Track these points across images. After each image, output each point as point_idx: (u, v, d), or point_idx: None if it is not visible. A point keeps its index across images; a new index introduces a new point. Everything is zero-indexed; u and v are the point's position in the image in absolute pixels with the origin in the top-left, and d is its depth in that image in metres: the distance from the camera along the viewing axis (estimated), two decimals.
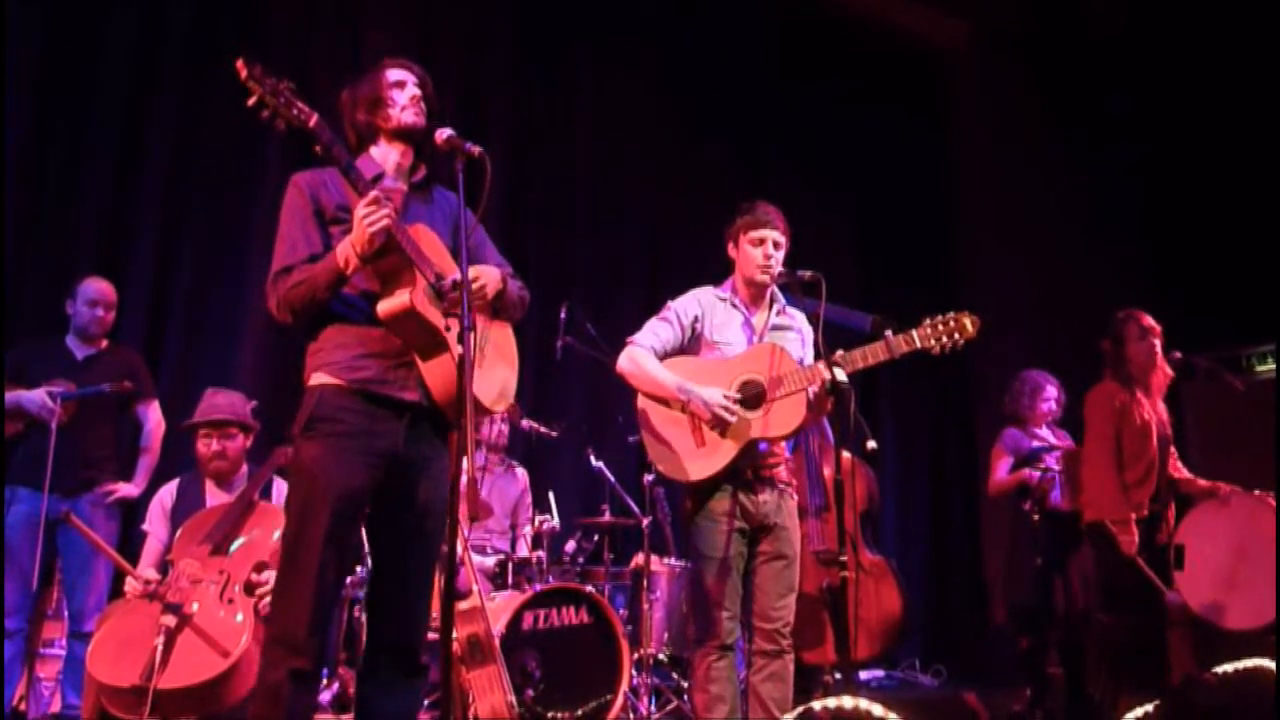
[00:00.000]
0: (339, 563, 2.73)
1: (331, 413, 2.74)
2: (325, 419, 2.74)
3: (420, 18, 6.85)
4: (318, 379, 2.80)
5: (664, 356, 3.63)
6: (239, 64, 2.55)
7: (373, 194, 2.65)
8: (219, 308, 5.94)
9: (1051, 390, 5.77)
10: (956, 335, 3.39)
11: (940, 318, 3.42)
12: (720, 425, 3.46)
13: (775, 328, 3.71)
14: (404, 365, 2.78)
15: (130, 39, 5.87)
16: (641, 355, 3.60)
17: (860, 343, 3.43)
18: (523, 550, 5.28)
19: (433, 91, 3.02)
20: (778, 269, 3.61)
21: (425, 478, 2.83)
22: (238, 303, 5.93)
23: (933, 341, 3.40)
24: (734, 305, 3.70)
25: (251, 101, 2.58)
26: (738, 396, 3.48)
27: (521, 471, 5.68)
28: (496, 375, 2.98)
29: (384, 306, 2.71)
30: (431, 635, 4.25)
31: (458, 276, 2.66)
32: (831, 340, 3.42)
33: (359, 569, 4.77)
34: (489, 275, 2.92)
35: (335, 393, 2.76)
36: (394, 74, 2.98)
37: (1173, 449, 4.94)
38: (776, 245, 3.63)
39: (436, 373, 2.76)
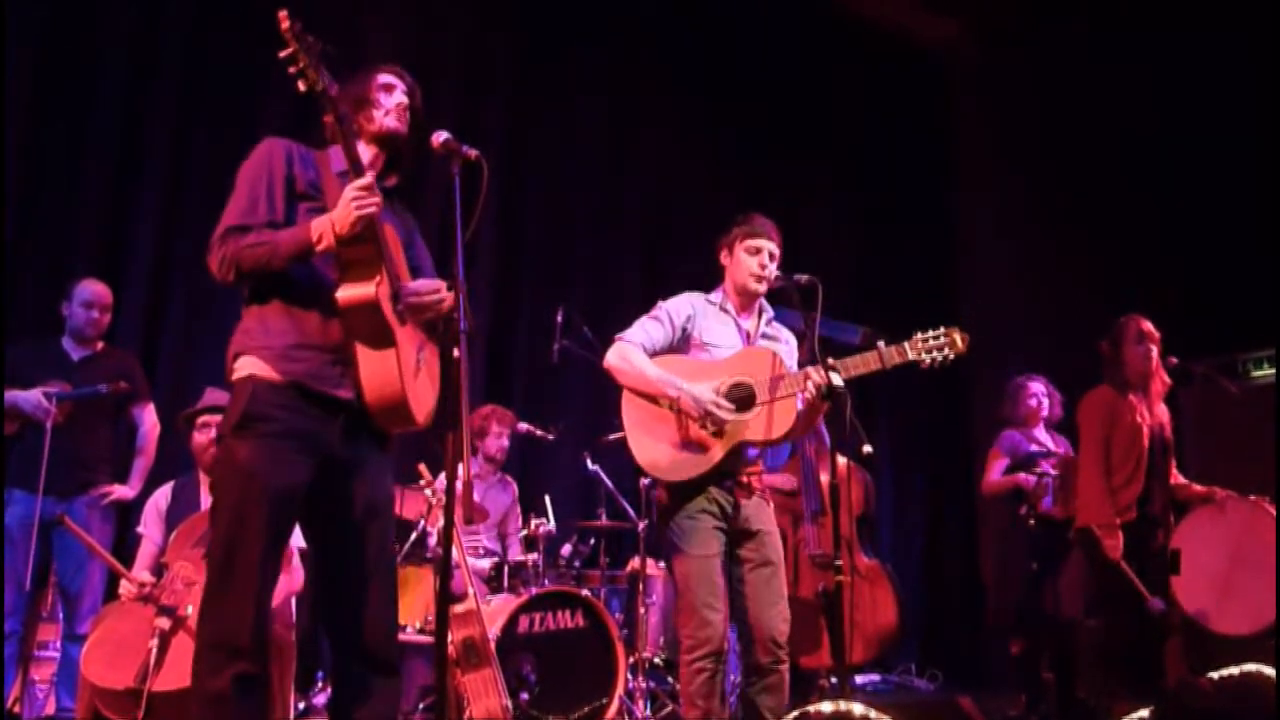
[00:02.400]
0: (276, 562, 2.67)
1: (265, 410, 2.66)
2: (259, 418, 2.66)
3: (419, 14, 6.85)
4: (248, 368, 2.74)
5: (653, 355, 3.60)
6: (282, 14, 2.55)
7: (367, 179, 2.63)
8: (216, 311, 5.92)
9: (1036, 387, 5.79)
10: (947, 350, 3.39)
11: (931, 332, 3.42)
12: (712, 424, 3.45)
13: (764, 337, 3.71)
14: (340, 362, 2.71)
15: (129, 40, 5.86)
16: (631, 351, 3.56)
17: (851, 354, 3.44)
18: (515, 553, 5.27)
19: (421, 103, 3.00)
20: (772, 278, 3.63)
21: (361, 478, 2.77)
22: (234, 306, 5.90)
23: (924, 355, 3.40)
24: (725, 310, 3.70)
25: (285, 54, 2.57)
26: (726, 398, 3.48)
27: (512, 483, 5.68)
28: (424, 391, 2.90)
29: (345, 294, 2.65)
30: (427, 639, 4.27)
31: (423, 284, 2.70)
32: (823, 352, 3.43)
33: None
34: (447, 292, 2.86)
35: (268, 389, 2.69)
36: (384, 77, 2.96)
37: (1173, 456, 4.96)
38: (771, 256, 3.65)
39: (375, 370, 2.68)
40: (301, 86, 2.61)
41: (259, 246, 2.66)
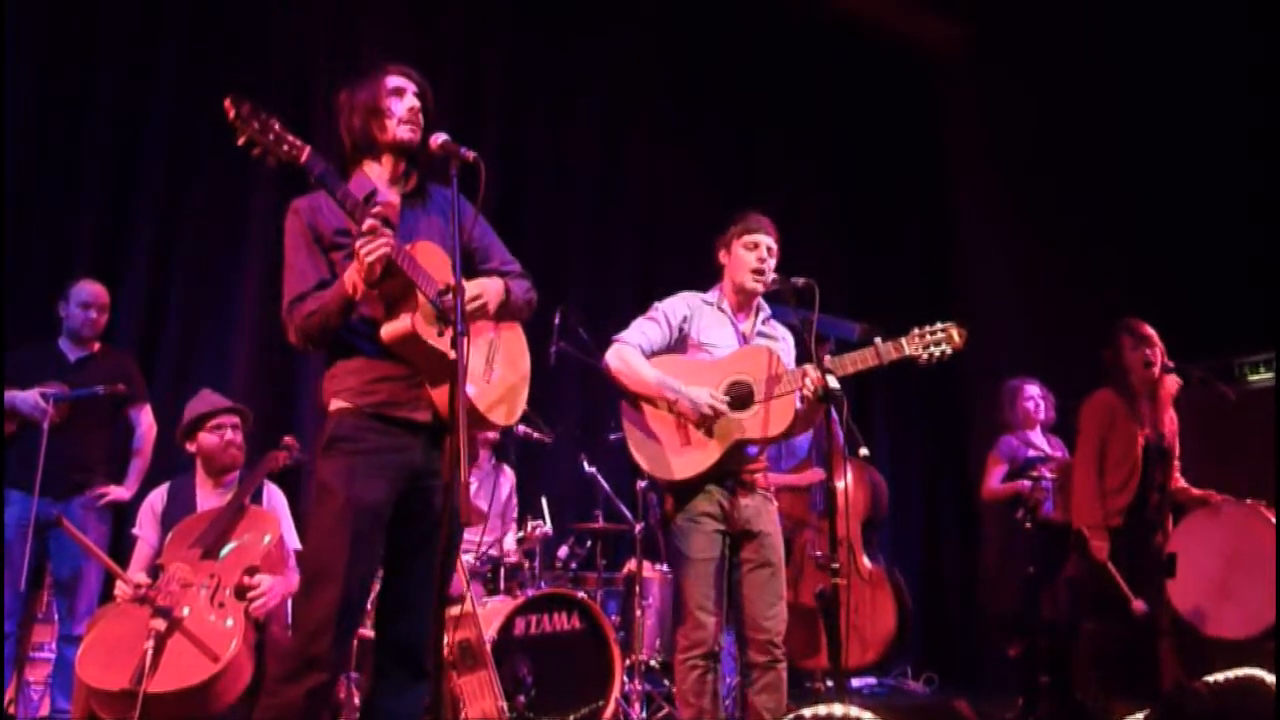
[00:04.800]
0: (367, 575, 2.79)
1: (351, 432, 2.80)
2: (345, 438, 2.79)
3: (415, 15, 6.85)
4: (335, 404, 2.86)
5: (651, 356, 3.63)
6: (227, 104, 2.54)
7: (369, 222, 2.64)
8: (213, 313, 5.92)
9: (1031, 389, 5.82)
10: (944, 346, 3.41)
11: (928, 327, 3.43)
12: (707, 425, 3.46)
13: (761, 335, 3.73)
14: (416, 386, 2.82)
15: (128, 39, 5.86)
16: (629, 353, 3.60)
17: (848, 350, 3.44)
18: (510, 550, 5.25)
19: (432, 102, 3.01)
20: (770, 275, 3.63)
21: (440, 489, 2.84)
22: (232, 308, 5.91)
23: (920, 351, 3.41)
24: (721, 309, 3.71)
25: (241, 142, 2.57)
26: (725, 397, 3.48)
27: (509, 470, 5.66)
28: (502, 387, 3.00)
29: (387, 331, 2.74)
30: None
31: (464, 282, 2.67)
32: (820, 350, 3.43)
33: None
34: (489, 290, 2.94)
35: (352, 414, 2.82)
36: (394, 80, 2.96)
37: (1176, 462, 4.97)
38: (770, 251, 3.66)
39: (442, 389, 2.78)
40: (270, 164, 2.62)
41: (314, 315, 2.78)
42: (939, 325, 3.42)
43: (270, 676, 2.73)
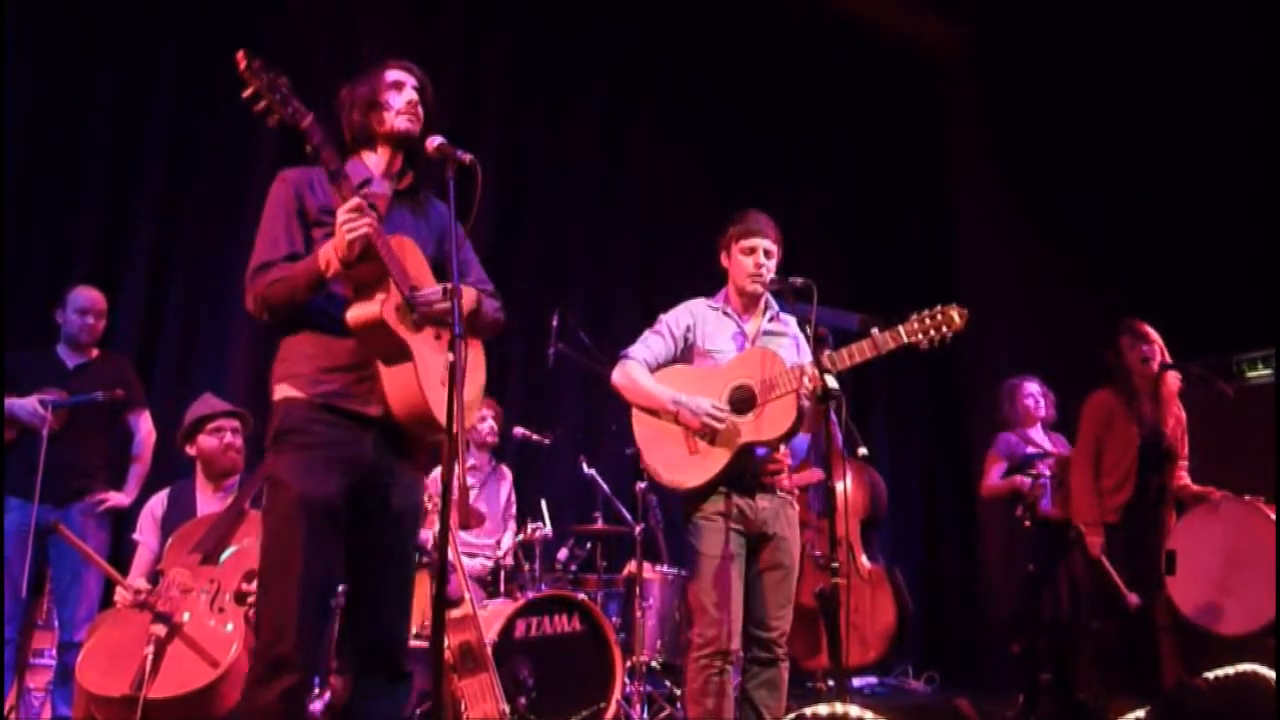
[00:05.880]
0: (324, 571, 2.71)
1: (299, 425, 2.73)
2: (293, 431, 2.73)
3: (414, 16, 6.85)
4: (283, 391, 2.80)
5: (657, 368, 3.64)
6: (239, 55, 2.52)
7: (355, 200, 2.61)
8: (213, 315, 5.92)
9: (1031, 386, 5.83)
10: (944, 328, 3.34)
11: (927, 311, 3.38)
12: (709, 434, 3.46)
13: (768, 334, 3.71)
14: (368, 379, 2.76)
15: (128, 39, 5.86)
16: (633, 368, 3.62)
17: (848, 342, 3.42)
18: (508, 552, 5.26)
19: (432, 96, 2.99)
20: (769, 277, 3.62)
21: (395, 487, 2.82)
22: (230, 314, 5.90)
23: (920, 336, 3.35)
24: (726, 313, 3.71)
25: (247, 94, 2.55)
26: (726, 405, 3.47)
27: (507, 471, 5.65)
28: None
29: (354, 314, 2.68)
30: (423, 644, 4.26)
31: (446, 285, 2.65)
32: (819, 343, 3.42)
33: None
34: (464, 294, 2.89)
35: (301, 406, 2.75)
36: (393, 74, 2.95)
37: (1182, 460, 4.97)
38: (768, 254, 3.65)
39: (397, 385, 2.72)
40: (271, 123, 2.60)
41: (279, 283, 2.71)
42: (938, 308, 3.37)
43: (245, 683, 2.66)
